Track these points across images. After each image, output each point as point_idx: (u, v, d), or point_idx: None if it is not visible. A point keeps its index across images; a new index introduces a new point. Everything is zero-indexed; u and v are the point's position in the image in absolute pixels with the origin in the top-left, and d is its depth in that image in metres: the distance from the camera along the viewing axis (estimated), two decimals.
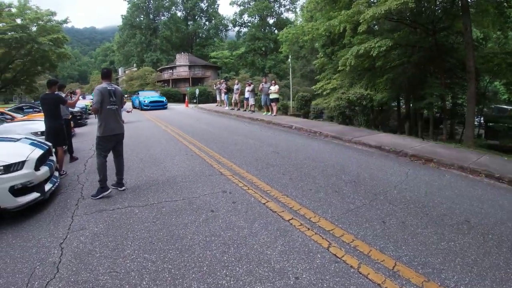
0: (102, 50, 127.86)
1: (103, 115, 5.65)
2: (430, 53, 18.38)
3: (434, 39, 17.65)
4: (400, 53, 19.33)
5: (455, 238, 3.97)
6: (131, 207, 5.12)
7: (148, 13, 79.06)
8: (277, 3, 73.42)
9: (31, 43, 24.68)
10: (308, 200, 5.14)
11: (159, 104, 28.56)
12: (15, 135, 7.00)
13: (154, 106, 27.89)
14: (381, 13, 14.17)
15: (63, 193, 6.02)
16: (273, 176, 6.48)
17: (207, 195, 5.48)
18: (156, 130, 14.01)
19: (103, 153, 5.76)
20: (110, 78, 5.98)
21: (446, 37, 18.73)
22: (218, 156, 8.36)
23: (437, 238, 3.97)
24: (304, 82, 45.76)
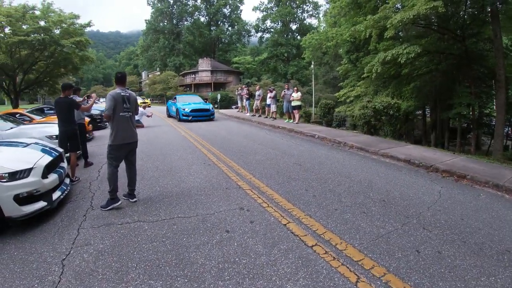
0: (126, 54, 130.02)
1: (115, 122, 5.32)
2: (459, 60, 17.65)
3: (463, 46, 16.92)
4: (427, 60, 18.63)
5: (496, 272, 3.47)
6: (141, 222, 4.74)
7: (171, 18, 79.91)
8: (300, 9, 73.17)
9: (54, 45, 24.86)
10: (334, 223, 4.65)
11: (204, 114, 20.78)
12: (26, 139, 6.73)
13: (197, 117, 20.26)
14: (409, 18, 13.65)
15: (72, 201, 5.74)
16: (295, 192, 6.00)
17: (222, 212, 5.04)
18: (174, 136, 13.70)
19: (115, 163, 5.42)
20: (125, 83, 5.63)
21: (475, 44, 17.94)
22: (237, 166, 7.94)
23: (476, 272, 3.47)
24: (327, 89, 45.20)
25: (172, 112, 22.67)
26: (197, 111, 20.47)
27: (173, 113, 22.24)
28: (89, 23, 28.66)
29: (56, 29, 25.77)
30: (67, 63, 27.93)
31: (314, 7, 72.73)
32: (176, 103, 22.05)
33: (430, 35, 19.02)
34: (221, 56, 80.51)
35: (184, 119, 20.01)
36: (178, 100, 22.73)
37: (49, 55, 26.20)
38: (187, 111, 20.17)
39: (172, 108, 22.94)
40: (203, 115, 20.70)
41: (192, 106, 20.90)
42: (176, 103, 21.95)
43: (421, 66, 19.06)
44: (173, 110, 22.22)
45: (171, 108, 23.14)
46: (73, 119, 7.29)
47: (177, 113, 21.04)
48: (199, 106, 21.17)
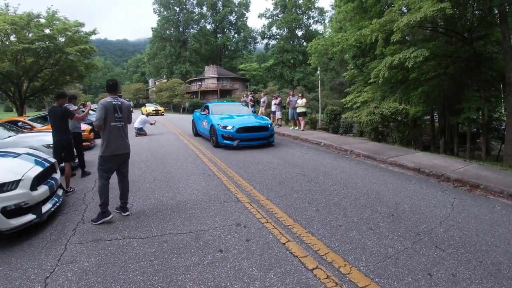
0: (134, 62, 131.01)
1: (106, 132, 5.06)
2: (468, 63, 17.22)
3: (472, 49, 16.49)
4: (435, 64, 18.23)
5: None
6: (130, 238, 4.43)
7: (177, 26, 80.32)
8: (306, 15, 73.18)
9: (58, 53, 24.85)
10: (338, 241, 4.26)
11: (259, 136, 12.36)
12: (18, 149, 6.46)
13: (249, 140, 12.17)
14: (416, 21, 13.30)
15: (65, 213, 5.52)
16: (297, 205, 5.62)
17: (218, 228, 4.69)
18: (177, 144, 13.41)
19: (106, 175, 5.14)
20: (116, 91, 5.35)
21: (483, 47, 17.52)
22: (237, 177, 7.60)
23: None
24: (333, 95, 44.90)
25: (203, 130, 14.45)
26: (248, 132, 12.16)
27: (204, 130, 14.08)
28: (94, 31, 28.67)
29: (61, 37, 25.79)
30: (72, 71, 27.93)
31: (320, 13, 72.75)
32: (208, 115, 13.58)
33: (437, 39, 18.66)
34: (227, 63, 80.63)
35: (226, 144, 11.91)
36: (212, 110, 14.22)
37: (54, 62, 26.21)
38: (231, 131, 11.89)
39: (202, 123, 14.42)
40: (257, 137, 12.30)
41: (238, 122, 12.48)
42: (208, 116, 13.51)
43: (429, 70, 18.65)
44: (204, 127, 13.98)
45: (201, 123, 14.64)
46: (67, 128, 7.06)
47: (212, 131, 12.63)
48: (250, 123, 12.63)
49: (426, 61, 16.19)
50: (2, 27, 21.67)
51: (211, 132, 12.74)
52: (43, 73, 27.71)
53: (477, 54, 16.67)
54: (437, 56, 17.10)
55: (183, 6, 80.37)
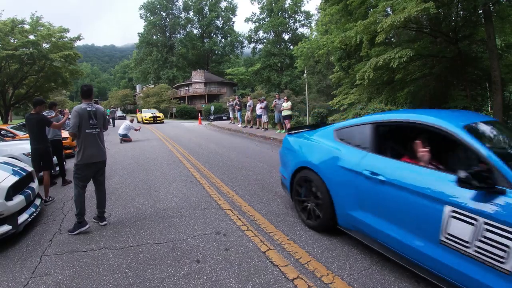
0: (121, 67, 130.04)
1: (81, 140, 4.87)
2: (453, 63, 17.31)
3: (457, 48, 16.57)
4: (421, 64, 18.30)
5: None
6: (106, 249, 4.25)
7: (164, 31, 79.96)
8: (292, 19, 73.29)
9: (43, 59, 24.48)
10: (321, 248, 4.12)
11: None
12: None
13: None
14: (400, 21, 13.26)
15: (42, 223, 5.31)
16: (280, 211, 5.47)
17: (196, 237, 4.52)
18: (161, 150, 13.19)
19: (81, 183, 4.95)
20: (91, 97, 5.14)
21: (468, 46, 17.64)
22: (219, 183, 7.43)
23: None
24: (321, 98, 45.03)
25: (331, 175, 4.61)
26: None
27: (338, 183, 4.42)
28: (79, 36, 28.24)
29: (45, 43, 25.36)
30: (57, 78, 27.50)
31: (306, 17, 72.91)
32: (341, 146, 4.40)
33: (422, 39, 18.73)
34: (215, 68, 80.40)
35: None
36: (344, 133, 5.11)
37: (38, 69, 25.82)
38: None
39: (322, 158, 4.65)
40: None
41: None
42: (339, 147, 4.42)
43: (415, 70, 18.72)
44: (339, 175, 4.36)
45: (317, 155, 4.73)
46: (44, 137, 6.83)
47: None
48: None
49: (412, 62, 16.24)
50: None
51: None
52: (28, 80, 27.24)
53: (462, 53, 16.75)
54: (422, 57, 17.15)
55: (170, 11, 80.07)
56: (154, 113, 37.46)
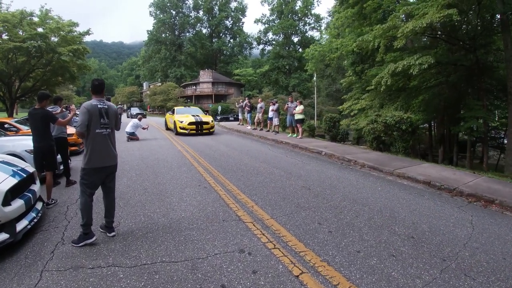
0: (129, 64, 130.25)
1: (90, 141, 4.35)
2: (470, 72, 16.86)
3: (475, 57, 16.14)
4: (436, 72, 17.85)
5: None
6: (116, 266, 3.75)
7: (173, 29, 79.64)
8: (302, 22, 73.21)
9: (51, 52, 24.11)
10: (358, 272, 3.62)
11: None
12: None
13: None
14: (422, 27, 12.92)
15: (43, 230, 4.83)
16: (307, 226, 4.96)
17: (218, 255, 4.00)
18: (170, 151, 12.72)
19: (89, 190, 4.43)
20: (103, 93, 4.63)
21: (486, 55, 17.20)
22: (236, 190, 6.92)
23: None
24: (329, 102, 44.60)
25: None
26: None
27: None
28: (88, 31, 27.92)
29: (54, 36, 25.03)
30: (64, 72, 27.13)
31: (316, 20, 72.81)
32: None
33: (438, 46, 18.30)
34: (223, 68, 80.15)
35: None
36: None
37: (46, 62, 25.44)
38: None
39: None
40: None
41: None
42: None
43: (430, 78, 18.30)
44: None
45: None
46: (48, 134, 6.33)
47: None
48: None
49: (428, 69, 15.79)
50: None
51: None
52: (35, 73, 26.88)
53: (480, 62, 16.32)
54: (439, 64, 16.70)
55: (180, 9, 79.77)
56: (198, 115, 20.36)
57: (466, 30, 17.94)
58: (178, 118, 19.11)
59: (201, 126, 18.98)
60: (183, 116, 19.53)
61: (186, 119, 18.87)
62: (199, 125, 18.85)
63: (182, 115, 19.88)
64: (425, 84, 18.47)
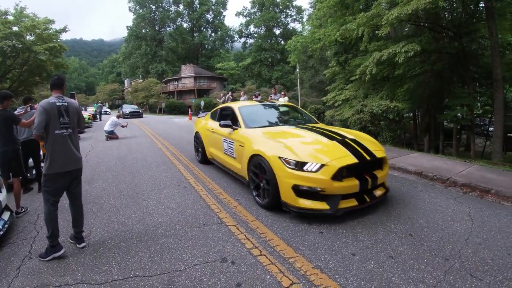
0: (109, 62, 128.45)
1: (50, 143, 3.87)
2: (456, 60, 16.70)
3: (460, 45, 15.95)
4: (420, 60, 17.64)
5: None
6: (84, 283, 3.32)
7: (153, 24, 78.37)
8: (284, 14, 72.83)
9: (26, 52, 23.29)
10: (355, 279, 3.24)
11: None
12: None
13: None
14: (407, 14, 12.57)
15: (11, 243, 4.39)
16: (295, 227, 4.55)
17: (197, 266, 3.57)
18: (150, 149, 12.19)
19: (52, 198, 3.97)
20: (63, 89, 4.15)
21: (471, 43, 17.08)
22: (218, 189, 6.48)
23: None
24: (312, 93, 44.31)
25: None
26: None
27: None
28: (65, 28, 27.14)
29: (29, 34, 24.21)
30: (41, 71, 26.31)
31: (298, 12, 72.43)
32: None
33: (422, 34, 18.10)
34: (205, 62, 79.36)
35: None
36: None
37: (22, 62, 24.63)
38: None
39: None
40: None
41: None
42: None
43: (415, 66, 18.08)
44: None
45: None
46: (12, 137, 5.75)
47: None
48: None
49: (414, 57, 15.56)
50: None
51: None
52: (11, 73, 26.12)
53: (465, 50, 16.16)
54: (425, 52, 16.47)
55: (159, 4, 78.36)
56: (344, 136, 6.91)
57: (451, 17, 17.75)
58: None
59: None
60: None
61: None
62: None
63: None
64: (410, 73, 18.24)
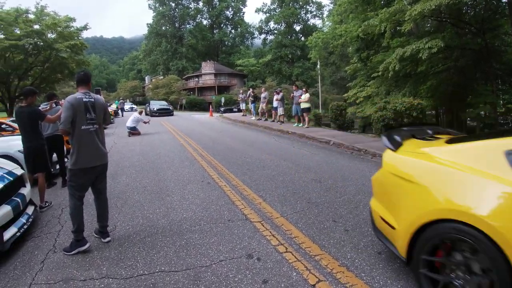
0: (130, 59, 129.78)
1: (76, 138, 3.89)
2: (479, 56, 16.30)
3: (483, 41, 15.57)
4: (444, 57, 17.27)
5: None
6: (109, 278, 3.33)
7: (173, 21, 79.01)
8: (304, 10, 72.48)
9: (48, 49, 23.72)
10: (383, 277, 3.18)
11: None
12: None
13: None
14: (430, 9, 12.32)
15: (35, 236, 4.44)
16: (320, 224, 4.49)
17: (223, 262, 3.56)
18: (172, 145, 12.31)
19: (78, 193, 4.00)
20: (89, 85, 4.19)
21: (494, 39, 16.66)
22: (242, 185, 6.47)
23: None
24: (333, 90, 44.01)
25: None
26: None
27: None
28: (86, 26, 27.56)
29: (50, 32, 24.61)
30: (63, 68, 26.75)
31: (318, 7, 71.99)
32: None
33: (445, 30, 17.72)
34: (225, 59, 79.52)
35: None
36: None
37: (44, 60, 25.06)
38: None
39: None
40: None
41: None
42: None
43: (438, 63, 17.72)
44: None
45: None
46: (37, 132, 5.84)
47: None
48: None
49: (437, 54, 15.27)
50: None
51: None
52: (33, 71, 26.59)
53: (488, 46, 15.77)
54: (448, 48, 16.13)
55: (179, 1, 78.97)
56: None
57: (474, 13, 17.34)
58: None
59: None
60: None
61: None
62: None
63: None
64: (433, 70, 17.90)
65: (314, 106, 34.67)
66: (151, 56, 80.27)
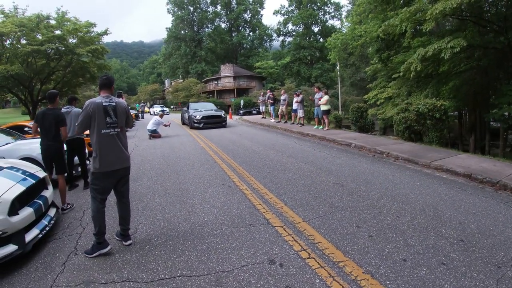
0: (150, 63, 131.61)
1: (97, 142, 3.92)
2: (502, 55, 15.85)
3: (506, 39, 15.15)
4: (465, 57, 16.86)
5: None
6: (131, 281, 3.35)
7: (192, 25, 79.73)
8: (322, 11, 72.21)
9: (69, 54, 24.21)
10: (408, 285, 3.08)
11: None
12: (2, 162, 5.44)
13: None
14: (451, 8, 12.06)
15: (57, 238, 4.51)
16: (343, 230, 4.41)
17: (245, 267, 3.52)
18: (193, 147, 12.34)
19: (100, 196, 4.03)
20: (111, 89, 4.21)
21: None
22: (263, 189, 6.42)
23: None
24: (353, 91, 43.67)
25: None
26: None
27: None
28: (106, 31, 27.94)
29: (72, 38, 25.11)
30: (84, 72, 27.25)
31: (336, 8, 71.68)
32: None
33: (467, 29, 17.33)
34: (243, 62, 79.85)
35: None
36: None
37: (65, 64, 25.59)
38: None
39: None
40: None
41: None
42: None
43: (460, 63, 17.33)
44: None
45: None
46: (56, 135, 5.93)
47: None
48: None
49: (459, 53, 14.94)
50: (11, 29, 20.98)
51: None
52: (55, 75, 27.20)
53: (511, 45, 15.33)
54: (470, 47, 15.75)
55: (197, 5, 79.61)
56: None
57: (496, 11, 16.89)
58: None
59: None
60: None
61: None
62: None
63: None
64: (455, 70, 17.50)
65: (334, 108, 34.47)
66: (170, 60, 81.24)
